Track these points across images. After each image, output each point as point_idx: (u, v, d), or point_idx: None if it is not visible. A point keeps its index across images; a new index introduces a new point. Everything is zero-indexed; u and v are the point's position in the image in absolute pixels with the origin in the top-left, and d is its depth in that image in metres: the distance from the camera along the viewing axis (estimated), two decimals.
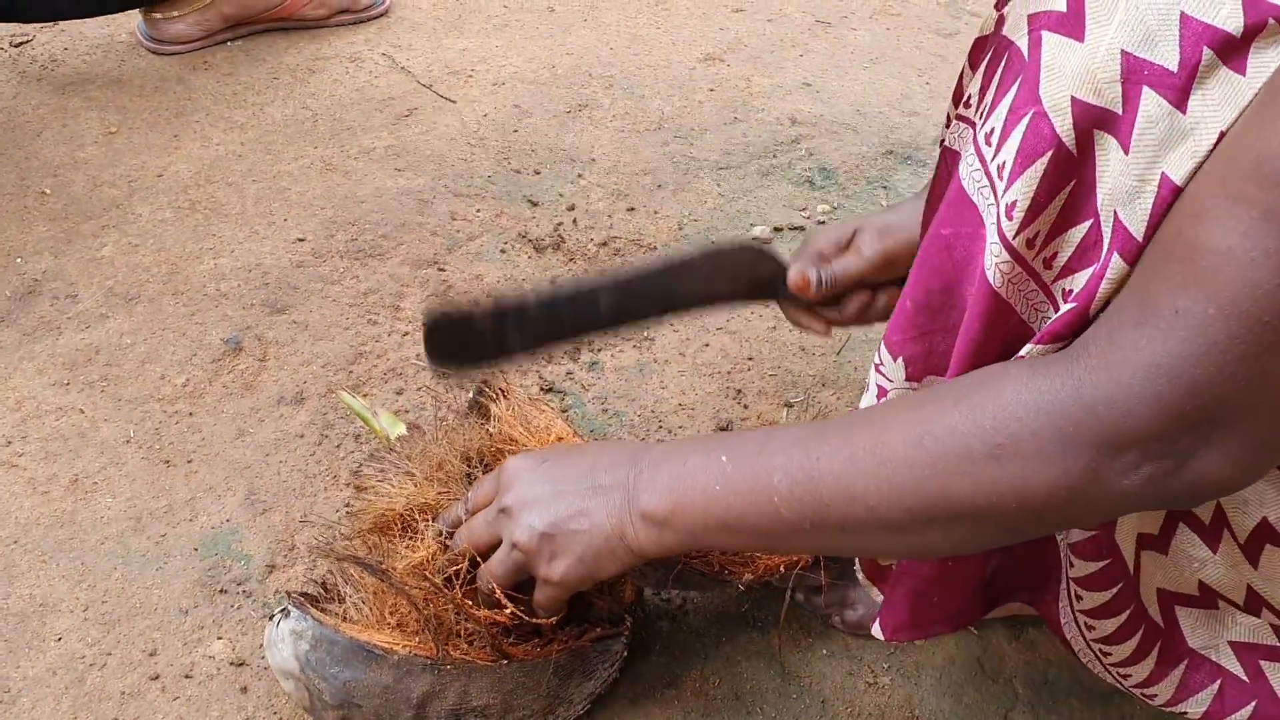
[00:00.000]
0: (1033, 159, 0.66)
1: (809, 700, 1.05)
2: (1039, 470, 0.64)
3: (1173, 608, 0.82)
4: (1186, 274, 0.59)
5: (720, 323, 1.46)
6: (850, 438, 0.73)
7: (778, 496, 0.74)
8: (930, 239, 0.78)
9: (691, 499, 0.79)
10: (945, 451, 0.68)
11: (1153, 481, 0.63)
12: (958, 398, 0.69)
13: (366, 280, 1.51)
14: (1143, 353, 0.60)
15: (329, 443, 1.26)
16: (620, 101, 1.94)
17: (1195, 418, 0.60)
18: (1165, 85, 0.61)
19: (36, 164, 1.71)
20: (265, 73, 1.98)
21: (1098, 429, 0.62)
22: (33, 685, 1.03)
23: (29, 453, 1.24)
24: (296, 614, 0.92)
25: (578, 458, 0.89)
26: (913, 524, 0.71)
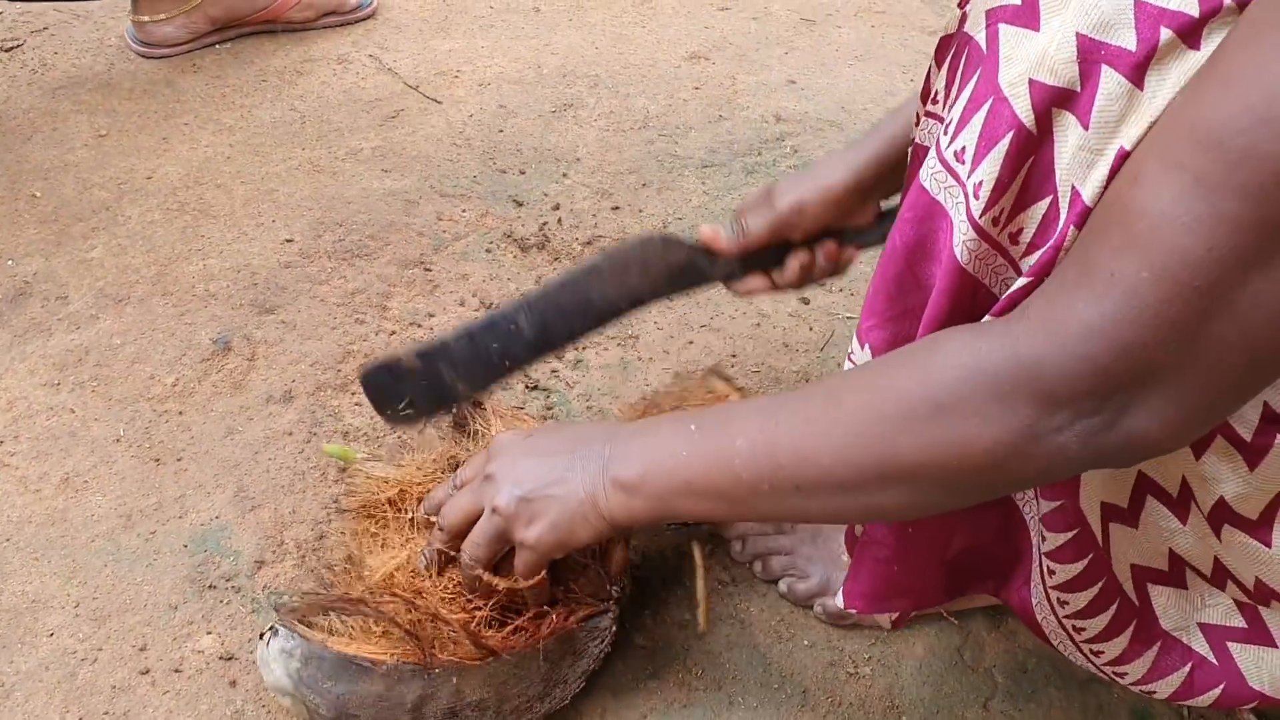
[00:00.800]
0: (995, 141, 0.68)
1: (790, 690, 1.07)
2: (978, 427, 0.67)
3: (1146, 586, 0.84)
4: (1123, 238, 0.60)
5: (704, 320, 1.47)
6: (807, 401, 0.77)
7: (738, 459, 0.78)
8: (895, 228, 0.80)
9: (660, 465, 0.83)
10: (891, 410, 0.71)
11: (1086, 438, 0.65)
12: (904, 360, 0.72)
13: (354, 280, 1.52)
14: (1077, 314, 0.62)
15: (317, 440, 1.28)
16: (605, 101, 1.95)
17: (1126, 378, 0.62)
18: (1123, 63, 0.62)
19: (27, 167, 1.72)
20: (253, 75, 1.99)
21: (1033, 387, 0.64)
22: (25, 680, 1.04)
23: (20, 452, 1.26)
24: (284, 632, 0.93)
25: (560, 433, 0.93)
26: (863, 483, 0.73)
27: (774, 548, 1.15)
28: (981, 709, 1.06)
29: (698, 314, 1.48)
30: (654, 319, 1.47)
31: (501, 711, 0.96)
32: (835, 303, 1.52)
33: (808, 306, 1.51)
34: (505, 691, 0.96)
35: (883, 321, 0.84)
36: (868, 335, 0.85)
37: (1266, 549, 0.74)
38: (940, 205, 0.76)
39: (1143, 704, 1.06)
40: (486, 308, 1.48)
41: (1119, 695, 1.07)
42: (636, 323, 1.46)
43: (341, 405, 1.32)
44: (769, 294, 1.14)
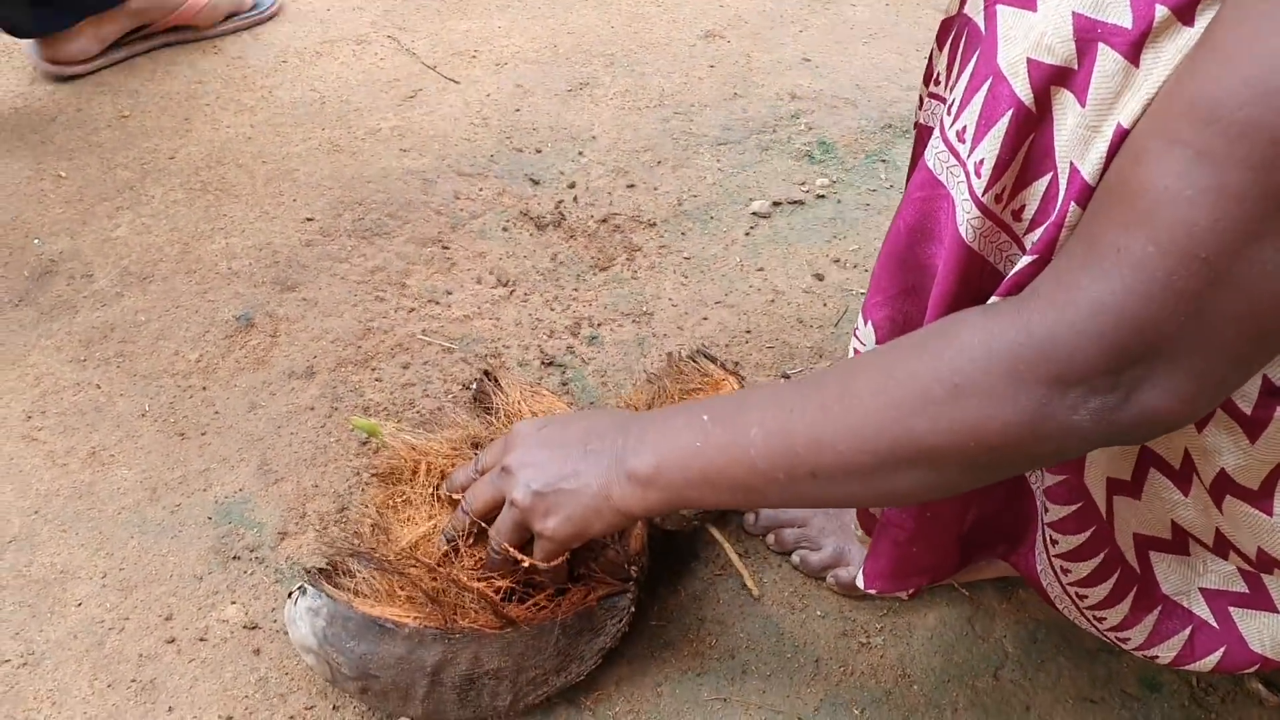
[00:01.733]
0: (994, 120, 0.69)
1: (803, 660, 1.08)
2: (993, 407, 0.67)
3: (1147, 553, 0.85)
4: (1128, 215, 0.61)
5: (719, 296, 1.49)
6: (821, 388, 0.77)
7: (754, 449, 0.78)
8: (901, 207, 0.82)
9: (674, 457, 0.84)
10: (906, 394, 0.71)
11: (1101, 415, 0.65)
12: (918, 344, 0.73)
13: (373, 258, 1.54)
14: (1087, 292, 0.63)
15: (339, 415, 1.30)
16: (621, 79, 1.96)
17: (1138, 352, 0.63)
18: (1120, 41, 0.63)
19: (52, 148, 1.75)
20: (273, 56, 2.01)
21: (1046, 366, 0.65)
22: (55, 648, 1.07)
23: (48, 426, 1.28)
24: (312, 591, 0.96)
25: (575, 423, 0.94)
26: (880, 467, 0.74)
27: (786, 520, 1.16)
28: (992, 678, 1.07)
29: (712, 290, 1.50)
30: (668, 295, 1.48)
31: (518, 682, 0.99)
32: (849, 279, 1.53)
33: (821, 283, 1.52)
34: (522, 662, 0.98)
35: (886, 299, 0.85)
36: (871, 312, 0.87)
37: (1268, 518, 0.76)
38: (942, 185, 0.77)
39: (1152, 672, 1.08)
40: (503, 285, 1.50)
41: (1128, 664, 1.08)
42: (651, 299, 1.48)
43: (362, 380, 1.35)
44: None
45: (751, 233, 1.61)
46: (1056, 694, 1.06)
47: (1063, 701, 1.06)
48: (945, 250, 0.77)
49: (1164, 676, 1.08)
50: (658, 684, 1.05)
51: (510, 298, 1.48)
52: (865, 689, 1.06)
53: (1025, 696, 1.06)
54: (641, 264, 1.55)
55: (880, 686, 1.07)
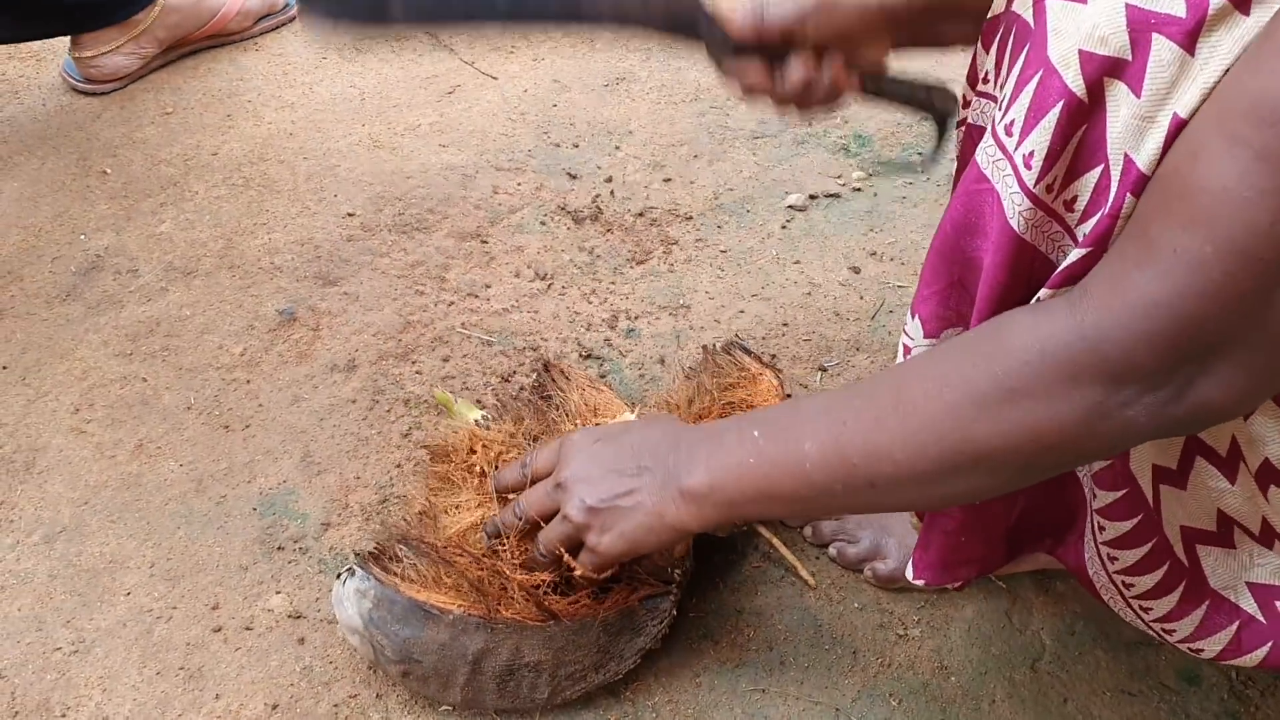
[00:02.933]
0: (1044, 112, 0.69)
1: (840, 651, 1.09)
2: (1049, 408, 0.68)
3: (1195, 546, 0.85)
4: (1185, 213, 0.61)
5: (755, 289, 1.49)
6: (873, 398, 0.78)
7: (809, 462, 0.79)
8: (950, 202, 0.82)
9: (728, 474, 0.85)
10: (962, 399, 0.71)
11: (1155, 410, 0.66)
12: (969, 348, 0.73)
13: (413, 253, 1.56)
14: (1142, 291, 0.63)
15: (380, 408, 1.32)
16: (657, 73, 1.97)
17: (1193, 351, 0.63)
18: (1175, 30, 0.63)
19: (97, 145, 1.77)
20: (314, 53, 2.03)
21: (1101, 366, 0.65)
22: (105, 636, 1.09)
23: (96, 419, 1.31)
24: (361, 574, 0.98)
25: (628, 438, 0.95)
26: (938, 473, 0.74)
27: None
28: (1030, 670, 1.08)
29: (748, 283, 1.50)
30: (705, 288, 1.49)
31: (556, 676, 1.00)
32: (886, 271, 1.53)
33: (858, 276, 1.52)
34: (562, 657, 0.99)
35: (932, 294, 0.85)
36: (919, 307, 0.87)
37: None
38: (988, 180, 0.77)
39: (1190, 665, 1.07)
40: (541, 279, 1.51)
41: (1166, 657, 1.08)
42: (688, 292, 1.48)
43: (403, 374, 1.36)
44: (763, 98, 1.05)
45: (788, 226, 1.61)
46: (1094, 686, 1.06)
47: (1100, 694, 1.06)
48: (992, 243, 0.77)
49: (1203, 669, 1.07)
50: (696, 675, 1.06)
51: (548, 291, 1.50)
52: (903, 680, 1.07)
53: (1063, 688, 1.06)
54: (678, 257, 1.55)
55: (918, 678, 1.07)
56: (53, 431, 1.29)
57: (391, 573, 0.99)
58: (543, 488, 0.98)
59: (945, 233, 0.82)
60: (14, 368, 1.38)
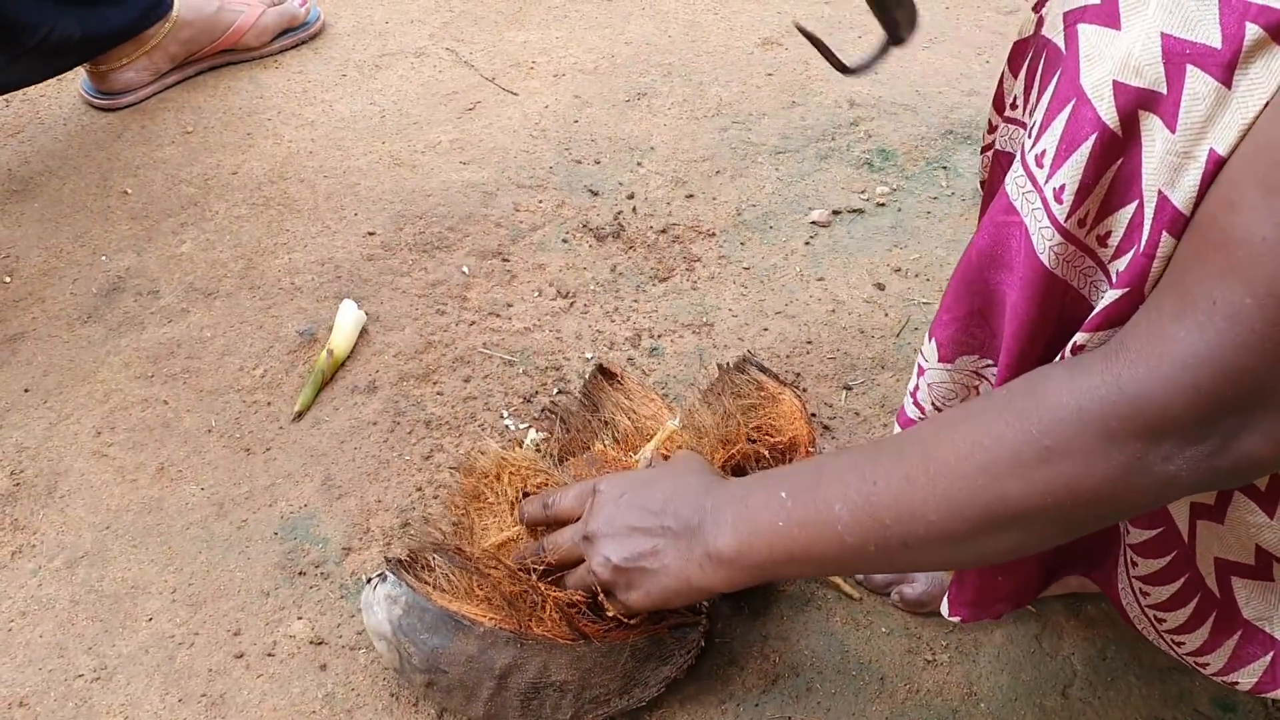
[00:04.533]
0: (1077, 144, 0.68)
1: (868, 677, 1.07)
2: (1087, 466, 0.66)
3: (1229, 578, 0.83)
4: (1223, 264, 0.60)
5: (779, 307, 1.48)
6: (903, 457, 0.76)
7: (840, 525, 0.78)
8: (976, 232, 0.80)
9: (756, 538, 0.84)
10: (996, 459, 0.70)
11: (1197, 464, 0.64)
12: (1003, 406, 0.71)
13: (434, 272, 1.55)
14: (1181, 344, 0.61)
15: (401, 429, 1.31)
16: (678, 89, 1.96)
17: (1235, 404, 0.61)
18: (1210, 62, 0.61)
19: (118, 164, 1.78)
20: (333, 70, 2.03)
21: (1140, 421, 0.64)
22: (127, 662, 1.08)
23: (118, 442, 1.31)
24: (392, 579, 0.97)
25: (653, 491, 0.94)
26: (973, 532, 0.73)
27: None
28: (1061, 697, 1.06)
29: (772, 300, 1.49)
30: (728, 306, 1.48)
31: (581, 698, 0.99)
32: (911, 288, 1.51)
33: (883, 292, 1.51)
34: (589, 679, 0.98)
35: (953, 319, 0.84)
36: (937, 331, 0.86)
37: None
38: (1016, 213, 0.75)
39: (1225, 693, 1.05)
40: (563, 297, 1.50)
41: (1201, 683, 1.06)
42: (711, 310, 1.47)
43: (424, 394, 1.35)
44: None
45: (811, 242, 1.60)
46: (1127, 713, 1.05)
47: None
48: (1019, 279, 0.76)
49: (1238, 696, 1.05)
50: (722, 701, 1.05)
51: (570, 309, 1.49)
52: (931, 707, 1.05)
53: (1095, 715, 1.05)
54: (701, 274, 1.54)
55: (946, 705, 1.05)
56: (74, 455, 1.29)
57: (424, 581, 0.99)
58: (570, 534, 0.99)
59: (970, 262, 0.81)
60: (36, 390, 1.37)
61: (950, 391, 0.89)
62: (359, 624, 1.11)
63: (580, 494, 1.00)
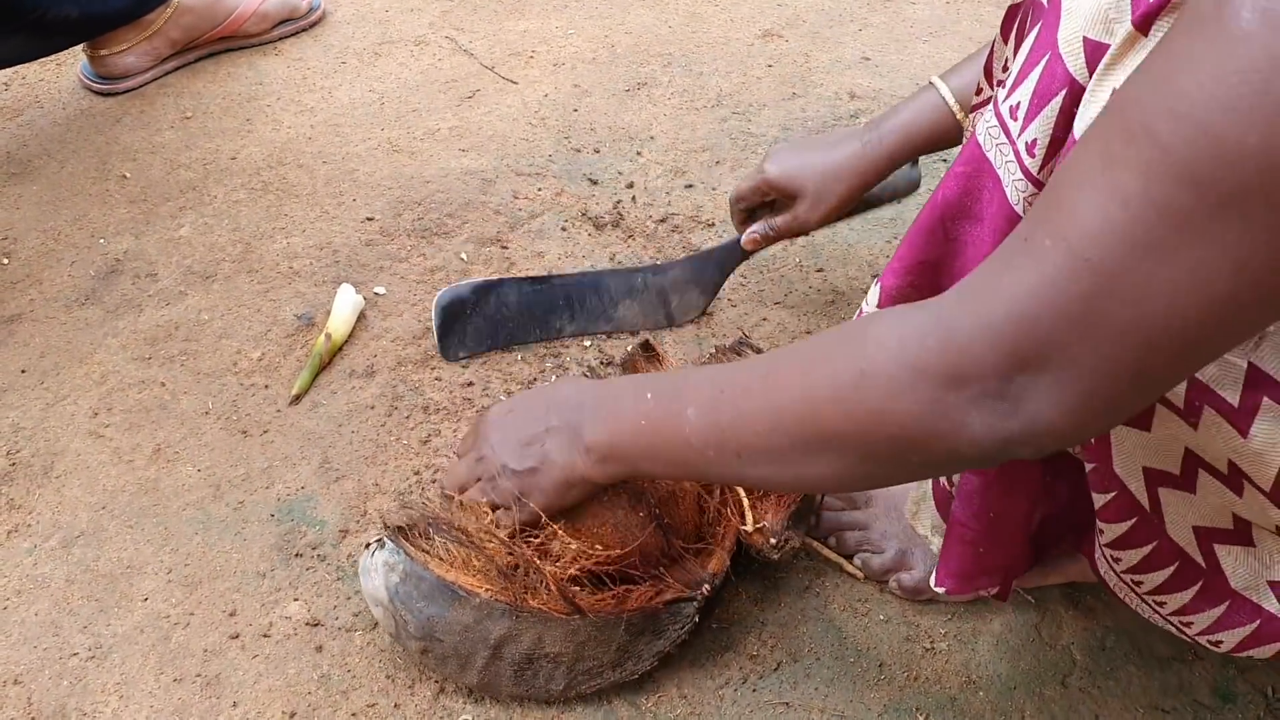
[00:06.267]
0: (1048, 99, 0.69)
1: (866, 664, 1.07)
2: (893, 398, 0.67)
3: (1212, 546, 0.83)
4: (1044, 209, 0.61)
5: (778, 297, 1.48)
6: (751, 370, 0.81)
7: (688, 427, 0.81)
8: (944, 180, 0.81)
9: (623, 433, 0.89)
10: (820, 378, 0.72)
11: (990, 422, 0.64)
12: (844, 331, 0.74)
13: (433, 258, 1.55)
14: (992, 283, 0.63)
15: (399, 414, 1.31)
16: (678, 79, 1.95)
17: (1025, 354, 0.61)
18: (1139, 11, 0.62)
19: (116, 149, 1.77)
20: (333, 57, 2.02)
21: (944, 360, 0.64)
22: (122, 642, 1.08)
23: (114, 424, 1.30)
24: (391, 546, 0.97)
25: (535, 401, 1.00)
26: (793, 451, 0.75)
27: (848, 523, 1.15)
28: (1060, 685, 1.06)
29: (772, 291, 1.49)
30: (728, 296, 1.48)
31: (574, 670, 0.99)
32: None
33: None
34: (582, 651, 0.98)
35: (902, 267, 0.86)
36: (885, 277, 0.87)
37: None
38: (989, 163, 0.76)
39: (1225, 682, 1.05)
40: None
41: (1200, 673, 1.06)
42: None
43: (422, 380, 1.35)
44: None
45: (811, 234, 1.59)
46: (1126, 702, 1.04)
47: (1132, 710, 1.04)
48: (990, 229, 0.77)
49: (1238, 686, 1.05)
50: (719, 687, 1.05)
51: None
52: (930, 694, 1.05)
53: (1094, 705, 1.04)
54: None
55: (945, 692, 1.05)
56: (71, 435, 1.28)
57: (421, 549, 0.99)
58: (464, 463, 1.03)
59: (934, 210, 0.82)
60: (32, 371, 1.37)
61: None
62: (355, 606, 1.10)
63: (473, 428, 1.07)
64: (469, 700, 1.03)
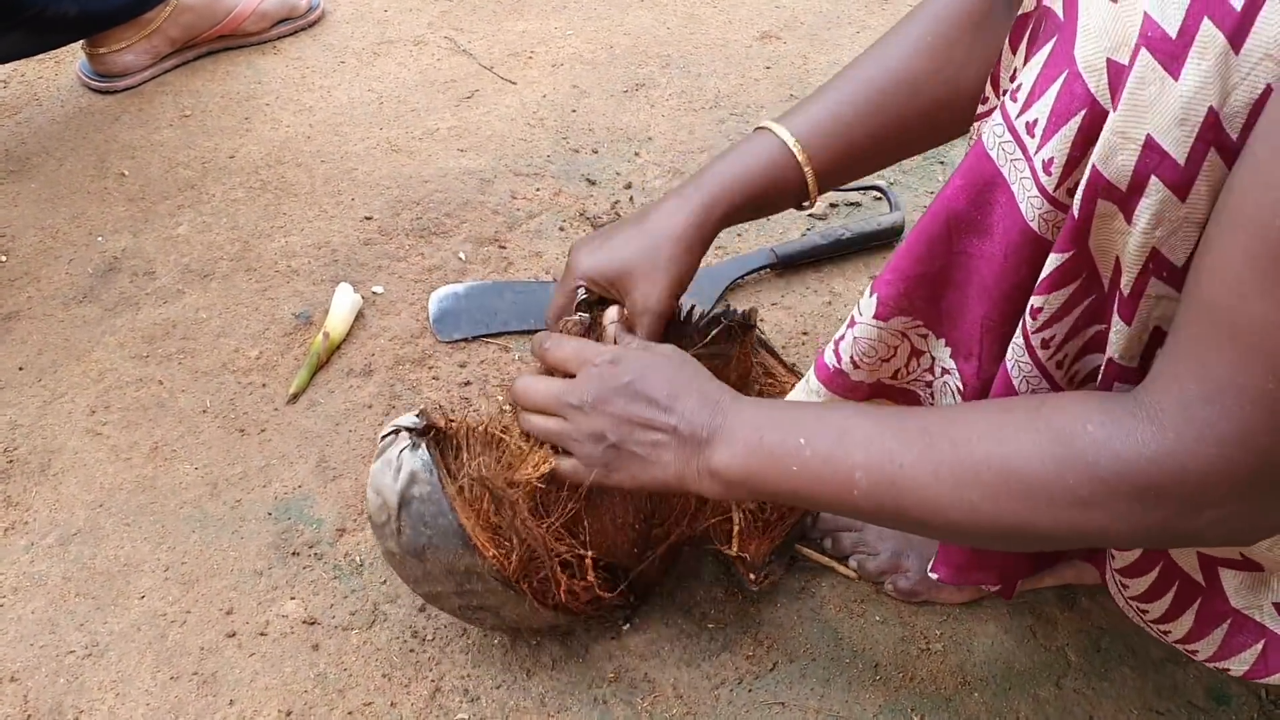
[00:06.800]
0: (1066, 118, 0.68)
1: (862, 665, 1.07)
2: (1120, 521, 0.69)
3: (1215, 569, 0.83)
4: (1240, 351, 0.62)
5: (775, 298, 1.48)
6: (933, 448, 0.76)
7: (857, 490, 0.79)
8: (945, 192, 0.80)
9: (767, 473, 0.83)
10: (1030, 492, 0.71)
11: (1223, 526, 0.67)
12: (1039, 437, 0.72)
13: (431, 257, 1.55)
14: (1216, 429, 0.63)
15: (396, 413, 1.31)
16: (677, 80, 1.96)
17: (1267, 479, 0.64)
18: (1161, 50, 0.62)
19: (115, 147, 1.77)
20: (332, 57, 2.02)
21: (1178, 493, 0.66)
22: (119, 640, 1.08)
23: (111, 421, 1.30)
24: (425, 462, 0.93)
25: (659, 383, 0.90)
26: (992, 538, 0.77)
27: (844, 525, 1.15)
28: (1055, 687, 1.06)
29: (769, 292, 1.49)
30: (729, 296, 1.48)
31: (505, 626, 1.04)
32: None
33: None
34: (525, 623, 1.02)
35: (900, 278, 0.84)
36: (880, 286, 0.86)
37: None
38: (1002, 177, 0.76)
39: (1219, 684, 1.06)
40: None
41: (1195, 675, 1.06)
42: None
43: (420, 379, 1.35)
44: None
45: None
46: (1120, 704, 1.05)
47: (1126, 711, 1.04)
48: (999, 244, 0.77)
49: (1232, 689, 1.06)
50: (715, 687, 1.05)
51: None
52: (925, 695, 1.05)
53: (1089, 706, 1.05)
54: None
55: (940, 693, 1.05)
56: (68, 433, 1.28)
57: (450, 470, 0.96)
58: (555, 392, 0.94)
59: (937, 220, 0.81)
60: (30, 368, 1.37)
61: (872, 349, 0.90)
62: (352, 605, 1.10)
63: (580, 352, 0.95)
64: (464, 698, 1.03)
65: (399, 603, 1.11)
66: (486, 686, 1.04)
